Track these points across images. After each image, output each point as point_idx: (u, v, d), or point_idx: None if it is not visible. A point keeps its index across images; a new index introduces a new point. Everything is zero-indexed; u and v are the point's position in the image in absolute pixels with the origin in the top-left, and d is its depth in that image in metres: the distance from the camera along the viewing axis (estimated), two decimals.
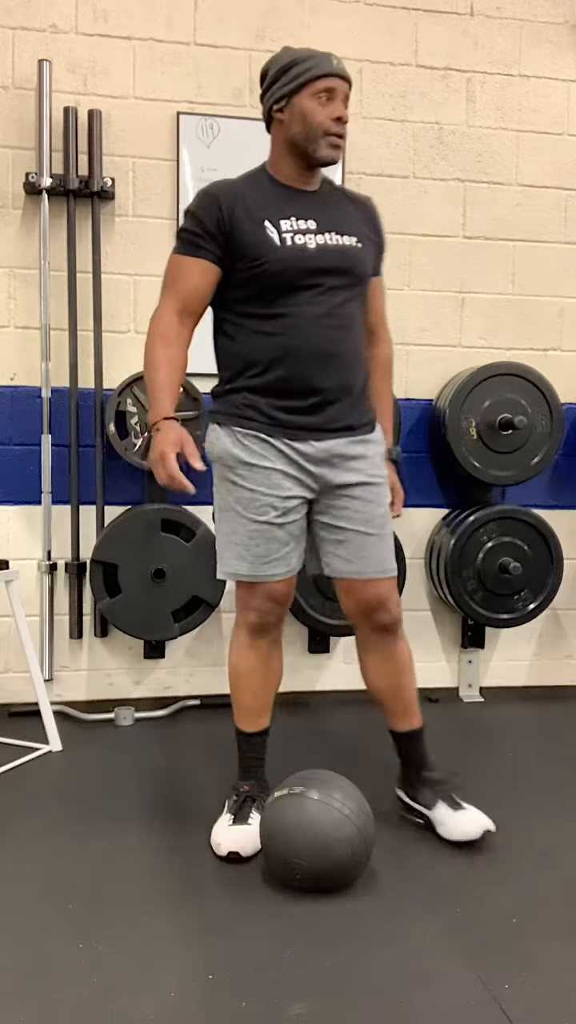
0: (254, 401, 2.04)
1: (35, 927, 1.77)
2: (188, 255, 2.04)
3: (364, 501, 2.06)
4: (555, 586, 3.13)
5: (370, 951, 1.70)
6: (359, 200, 2.16)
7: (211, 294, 2.06)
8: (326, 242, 2.02)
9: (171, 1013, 1.52)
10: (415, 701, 2.20)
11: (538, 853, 2.09)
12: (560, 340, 3.30)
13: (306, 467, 2.04)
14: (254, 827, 2.05)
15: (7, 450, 2.99)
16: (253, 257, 1.99)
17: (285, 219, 2.01)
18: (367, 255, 2.09)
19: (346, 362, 2.05)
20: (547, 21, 3.20)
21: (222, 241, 2.01)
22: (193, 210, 2.04)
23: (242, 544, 2.06)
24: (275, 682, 2.20)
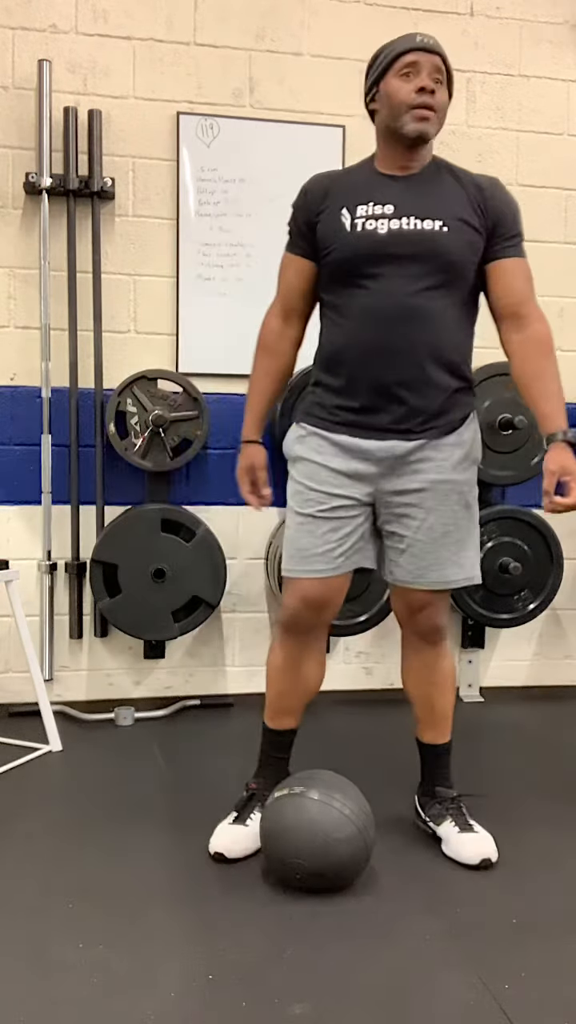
0: (323, 397, 2.01)
1: (35, 927, 1.77)
2: (286, 251, 2.06)
3: (422, 509, 1.97)
4: (555, 586, 3.13)
5: (370, 951, 1.70)
6: (471, 181, 2.00)
7: (311, 290, 2.05)
8: (400, 227, 1.91)
9: (171, 1013, 1.52)
10: (446, 717, 2.13)
11: (538, 853, 2.09)
12: (560, 340, 3.27)
13: (364, 467, 1.97)
14: (250, 828, 2.04)
15: (7, 450, 2.99)
16: (326, 244, 1.96)
17: (363, 204, 1.94)
18: (455, 240, 1.92)
19: (418, 357, 1.93)
20: (547, 21, 3.20)
21: (310, 235, 1.99)
22: (293, 204, 2.05)
23: (290, 538, 2.04)
24: (305, 688, 2.12)
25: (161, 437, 2.91)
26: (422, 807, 2.14)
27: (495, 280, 2.00)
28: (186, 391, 2.93)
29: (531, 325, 2.00)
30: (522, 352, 1.99)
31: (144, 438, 2.91)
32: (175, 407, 2.92)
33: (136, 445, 2.92)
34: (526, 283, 2.01)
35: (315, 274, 2.03)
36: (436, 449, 1.97)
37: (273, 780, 2.11)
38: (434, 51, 1.93)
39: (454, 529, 1.99)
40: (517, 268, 2.01)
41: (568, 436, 1.92)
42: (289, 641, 2.09)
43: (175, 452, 2.95)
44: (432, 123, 1.93)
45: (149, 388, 2.93)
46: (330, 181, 2.01)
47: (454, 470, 1.98)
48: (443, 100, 1.96)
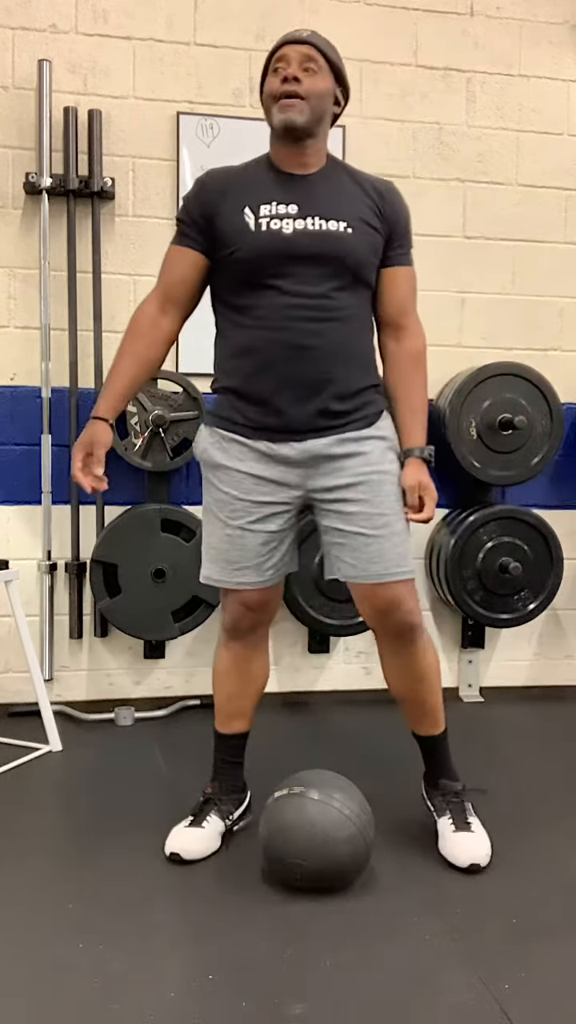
0: (234, 401, 1.97)
1: (35, 927, 1.77)
2: (175, 243, 2.01)
3: (357, 502, 1.94)
4: (555, 586, 3.13)
5: (370, 951, 1.70)
6: (371, 184, 2.00)
7: (197, 284, 2.00)
8: (305, 227, 1.89)
9: (171, 1013, 1.52)
10: (437, 708, 2.10)
11: (538, 853, 2.09)
12: (560, 340, 3.30)
13: (289, 471, 1.96)
14: (207, 831, 2.04)
15: (7, 450, 2.99)
16: (229, 244, 1.92)
17: (266, 204, 1.91)
18: (359, 242, 1.93)
19: (326, 356, 1.92)
20: (547, 21, 3.20)
21: (206, 228, 1.95)
22: (185, 198, 2.01)
23: (216, 548, 2.01)
24: (254, 688, 2.13)
25: (161, 437, 2.91)
26: (427, 795, 2.14)
27: (385, 286, 2.02)
28: (186, 391, 2.93)
29: (409, 338, 2.04)
30: (397, 363, 2.04)
31: (144, 438, 2.91)
32: (175, 407, 2.92)
33: (136, 445, 2.92)
34: (410, 293, 2.05)
35: (205, 269, 1.99)
36: (359, 443, 1.96)
37: (228, 785, 2.13)
38: (304, 41, 1.90)
39: (393, 519, 1.97)
40: (405, 277, 2.04)
41: (425, 454, 2.01)
42: (234, 643, 2.10)
43: (175, 452, 2.95)
44: (298, 111, 1.88)
45: (149, 388, 2.93)
46: (228, 177, 1.98)
47: (381, 460, 1.97)
48: (315, 87, 1.90)
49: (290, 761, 2.27)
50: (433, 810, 2.11)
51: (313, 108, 1.90)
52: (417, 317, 2.07)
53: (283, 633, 3.21)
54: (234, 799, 2.14)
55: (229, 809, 2.11)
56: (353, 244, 1.92)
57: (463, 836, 2.02)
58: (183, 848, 2.00)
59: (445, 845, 2.03)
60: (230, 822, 2.10)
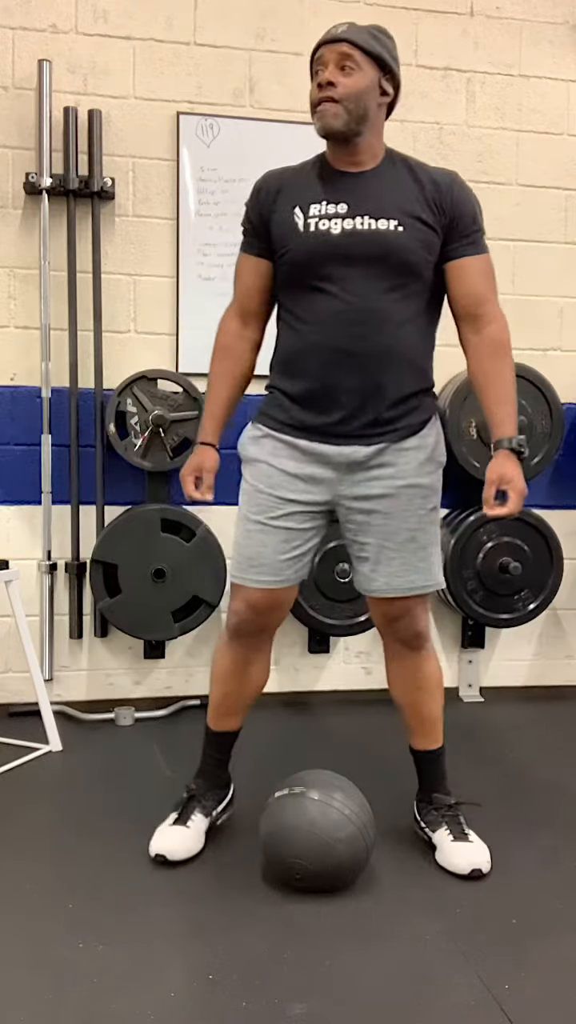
0: (281, 400, 1.97)
1: (35, 927, 1.77)
2: (242, 252, 2.02)
3: (384, 514, 1.93)
4: (555, 586, 3.13)
5: (370, 951, 1.70)
6: (428, 178, 1.93)
7: (268, 290, 2.00)
8: (355, 227, 1.86)
9: (171, 1013, 1.52)
10: (436, 722, 2.09)
11: (538, 853, 2.09)
12: (560, 340, 3.30)
13: (323, 471, 1.94)
14: (192, 830, 2.03)
15: (7, 450, 2.99)
16: (280, 245, 1.91)
17: (316, 203, 1.89)
18: (411, 240, 1.87)
19: (375, 361, 1.89)
20: (547, 21, 3.20)
21: (264, 233, 1.95)
22: (245, 204, 2.01)
23: (238, 542, 2.01)
24: (250, 691, 2.11)
25: (161, 437, 2.91)
26: (419, 813, 2.13)
27: (454, 279, 1.96)
28: (186, 391, 2.93)
29: (489, 326, 1.97)
30: (478, 354, 1.97)
31: (144, 438, 2.91)
32: (175, 407, 2.92)
33: (136, 445, 2.92)
34: (486, 282, 1.98)
35: (272, 274, 1.98)
36: (397, 453, 1.93)
37: (213, 782, 2.13)
38: (338, 39, 1.85)
39: (419, 534, 1.95)
40: (477, 266, 1.97)
41: (514, 444, 1.90)
42: (236, 644, 2.07)
43: (175, 452, 2.95)
44: (333, 115, 1.84)
45: (149, 388, 2.93)
46: (283, 178, 1.96)
47: (417, 474, 1.95)
48: (351, 86, 1.85)
49: (290, 761, 2.27)
50: (426, 826, 2.09)
51: (351, 110, 1.85)
52: (497, 305, 1.98)
53: (283, 633, 3.20)
54: (216, 795, 2.13)
55: (212, 805, 2.11)
56: (404, 242, 1.87)
57: (461, 845, 2.00)
58: (168, 850, 1.99)
59: (444, 855, 2.01)
60: (213, 817, 2.10)
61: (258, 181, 2.00)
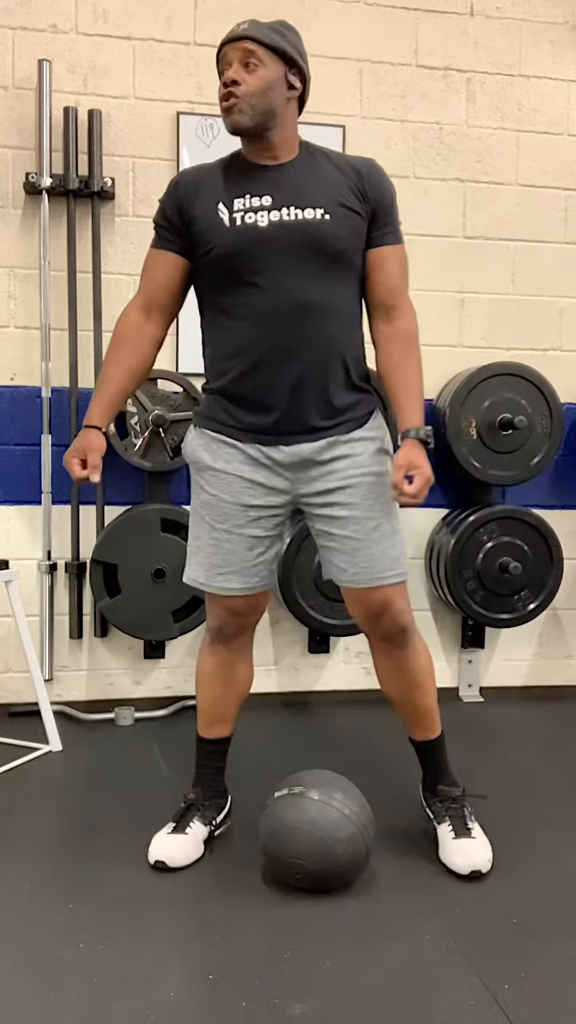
0: (223, 402, 1.94)
1: (35, 927, 1.77)
2: (153, 247, 1.98)
3: (347, 506, 1.91)
4: (555, 586, 3.13)
5: (370, 951, 1.70)
6: (348, 165, 1.93)
7: (179, 286, 1.97)
8: (281, 218, 1.84)
9: (171, 1013, 1.52)
10: (431, 712, 2.08)
11: (538, 853, 2.09)
12: (560, 340, 3.30)
13: (279, 473, 1.93)
14: (191, 837, 2.03)
15: (7, 450, 2.99)
16: (205, 242, 1.88)
17: (239, 197, 1.86)
18: (340, 227, 1.86)
19: (313, 355, 1.87)
20: (547, 21, 3.20)
21: (183, 229, 1.91)
22: (160, 200, 1.97)
23: (202, 550, 1.99)
24: (237, 693, 2.11)
25: (161, 437, 2.91)
26: (427, 802, 2.13)
27: (373, 268, 1.95)
28: (186, 391, 2.93)
29: (400, 318, 1.96)
30: (388, 345, 1.96)
31: (144, 438, 2.91)
32: (175, 407, 2.92)
33: (136, 445, 2.92)
34: (401, 273, 1.97)
35: (185, 271, 1.95)
36: (349, 445, 1.92)
37: (211, 791, 2.11)
38: (239, 37, 1.85)
39: (384, 522, 1.94)
40: (393, 256, 1.96)
41: (421, 434, 1.90)
42: (219, 647, 2.07)
43: (175, 452, 2.95)
44: (239, 112, 1.84)
45: (149, 388, 2.93)
46: (201, 175, 1.94)
47: (372, 463, 1.93)
48: (254, 83, 1.84)
49: (290, 761, 2.27)
50: (432, 817, 2.09)
51: (255, 105, 1.84)
52: (408, 297, 1.99)
53: (283, 633, 3.21)
54: (216, 804, 2.12)
55: (212, 815, 2.10)
56: (332, 230, 1.86)
57: (463, 843, 2.00)
58: (168, 856, 1.98)
59: (445, 852, 2.01)
60: (213, 827, 2.09)
61: (175, 177, 1.97)
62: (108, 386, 1.97)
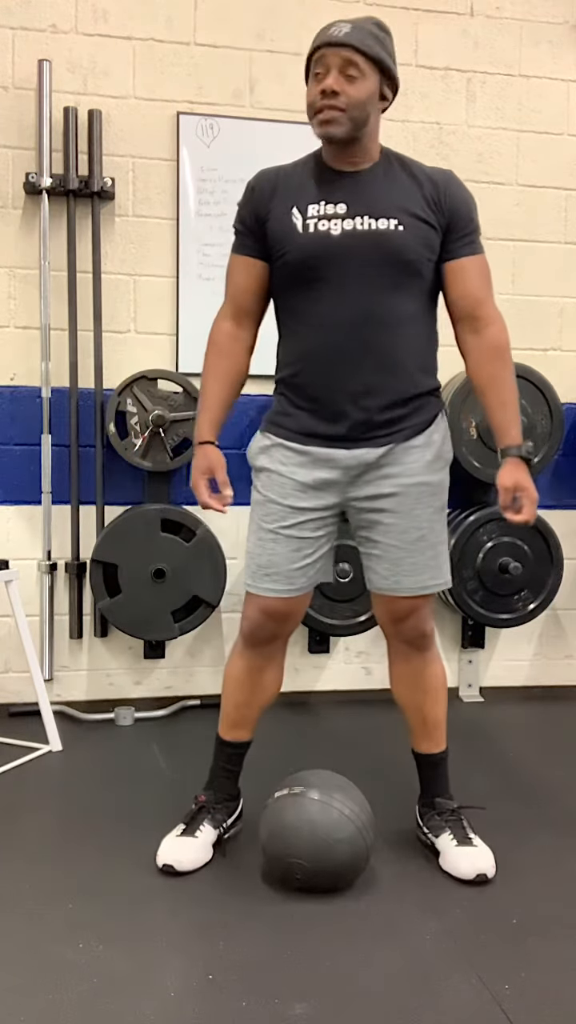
0: (287, 406, 1.95)
1: (35, 927, 1.77)
2: (234, 252, 1.99)
3: (394, 513, 1.92)
4: (555, 586, 3.13)
5: (370, 951, 1.70)
6: (425, 176, 1.91)
7: (263, 290, 1.97)
8: (355, 227, 1.84)
9: (171, 1013, 1.52)
10: (439, 726, 2.08)
11: (538, 853, 2.09)
12: (560, 340, 3.31)
13: (330, 475, 1.92)
14: (200, 841, 2.01)
15: (7, 450, 2.99)
16: (278, 247, 1.89)
17: (314, 203, 1.86)
18: (412, 239, 1.85)
19: (380, 364, 1.88)
20: (547, 21, 3.20)
21: (260, 232, 1.91)
22: (238, 204, 1.98)
23: (251, 551, 1.99)
24: (263, 699, 2.09)
25: (161, 437, 2.91)
26: (421, 818, 2.11)
27: (452, 280, 1.94)
28: (186, 391, 2.93)
29: (488, 328, 1.95)
30: (478, 357, 1.96)
31: (144, 438, 2.91)
32: (175, 407, 2.92)
33: (136, 445, 2.92)
34: (484, 283, 1.96)
35: (266, 274, 1.96)
36: (405, 452, 1.92)
37: (223, 793, 2.10)
38: (342, 43, 1.80)
39: (428, 532, 1.94)
40: (474, 267, 1.95)
41: (523, 452, 1.91)
42: (250, 652, 2.05)
43: (175, 452, 2.95)
44: (336, 124, 1.81)
45: (149, 388, 2.93)
46: (278, 178, 1.93)
47: (426, 472, 1.94)
48: (355, 95, 1.81)
49: (290, 761, 2.27)
50: (429, 831, 2.07)
51: (353, 118, 1.82)
52: (495, 307, 1.97)
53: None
54: (228, 807, 2.11)
55: (222, 818, 2.08)
56: (404, 241, 1.85)
57: (465, 850, 1.99)
58: (176, 860, 1.97)
59: (447, 860, 2.00)
60: (223, 830, 2.08)
61: (251, 180, 1.97)
62: (213, 400, 2.01)
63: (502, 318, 1.98)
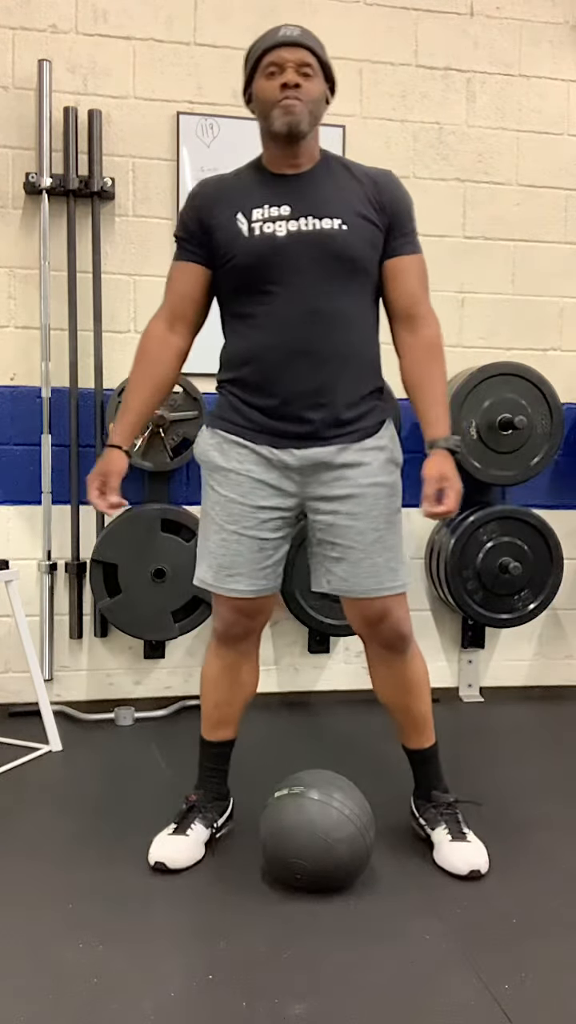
0: (236, 403, 1.95)
1: (35, 927, 1.77)
2: (176, 259, 2.00)
3: (352, 515, 1.91)
4: (555, 586, 3.13)
5: (370, 951, 1.70)
6: (366, 176, 1.94)
7: (204, 297, 1.98)
8: (299, 228, 1.86)
9: (171, 1013, 1.52)
10: (426, 721, 2.08)
11: (538, 853, 2.09)
12: (560, 340, 3.31)
13: (288, 476, 1.93)
14: (192, 839, 2.02)
15: (7, 450, 2.99)
16: (224, 252, 1.90)
17: (258, 207, 1.88)
18: (357, 238, 1.88)
19: (329, 361, 1.89)
20: (547, 21, 3.20)
21: (204, 239, 1.92)
22: (180, 212, 2.00)
23: (211, 552, 1.98)
24: (242, 696, 2.10)
25: (161, 437, 2.91)
26: (417, 810, 2.12)
27: (391, 278, 1.96)
28: (186, 391, 2.93)
29: (423, 327, 1.97)
30: (412, 355, 1.97)
31: (144, 438, 2.91)
32: (175, 407, 2.92)
33: (136, 445, 2.92)
34: (421, 282, 1.98)
35: (208, 281, 1.97)
36: (360, 453, 1.92)
37: (213, 793, 2.11)
38: (297, 44, 1.85)
39: (386, 534, 1.94)
40: (413, 266, 1.97)
41: (450, 444, 1.91)
42: (225, 650, 2.06)
43: (175, 452, 2.95)
44: (299, 115, 1.83)
45: None
46: (220, 185, 1.95)
47: (380, 473, 1.94)
48: (312, 92, 1.85)
49: (290, 761, 2.27)
50: (425, 823, 2.08)
51: (312, 112, 1.87)
52: (430, 305, 1.99)
53: (283, 633, 3.21)
54: (218, 806, 2.11)
55: (213, 817, 2.09)
56: (349, 240, 1.88)
57: (460, 845, 2.00)
58: (168, 857, 1.98)
59: (442, 855, 2.00)
60: (214, 829, 2.09)
61: (194, 188, 1.98)
62: (133, 404, 2.00)
63: (436, 319, 2.00)
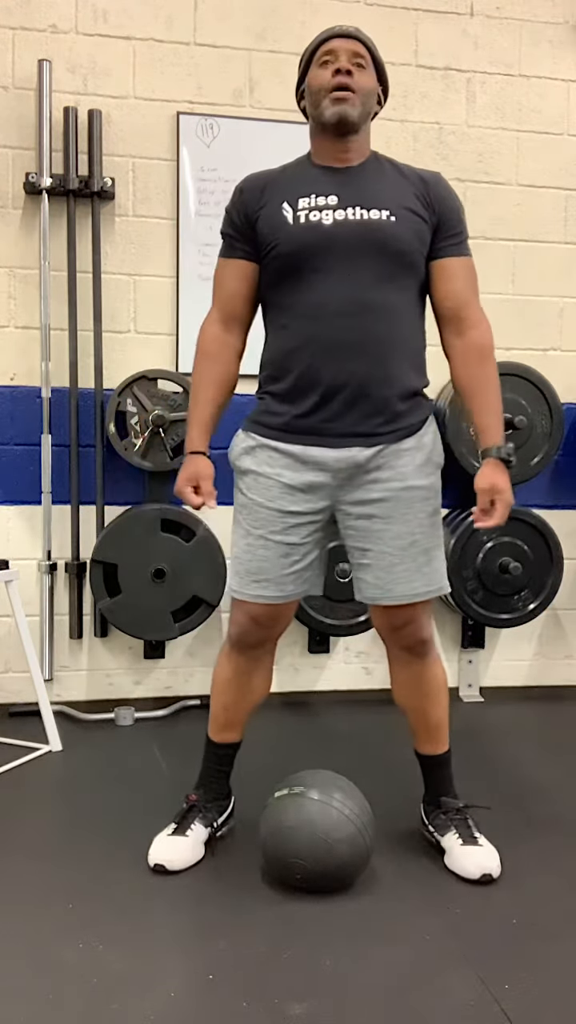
0: (272, 405, 1.92)
1: (35, 927, 1.77)
2: (223, 256, 1.98)
3: (384, 519, 1.87)
4: (555, 586, 3.13)
5: (370, 951, 1.70)
6: (416, 175, 1.93)
7: (253, 294, 1.96)
8: (346, 217, 1.83)
9: (171, 1013, 1.52)
10: (442, 727, 2.07)
11: (538, 853, 2.09)
12: (560, 340, 3.31)
13: (321, 478, 1.88)
14: (191, 839, 2.01)
15: (7, 450, 2.99)
16: (269, 241, 1.87)
17: (304, 197, 1.85)
18: (405, 230, 1.84)
19: (371, 354, 1.83)
20: (547, 21, 3.20)
21: (250, 233, 1.91)
22: (226, 209, 1.97)
23: (238, 557, 1.95)
24: (251, 701, 2.08)
25: (161, 437, 2.91)
26: (427, 816, 2.11)
27: (439, 280, 1.93)
28: (186, 391, 2.93)
29: (472, 330, 1.94)
30: (463, 359, 1.94)
31: (144, 438, 2.91)
32: (175, 407, 2.92)
33: (136, 445, 2.92)
34: (470, 284, 1.95)
35: (256, 277, 1.94)
36: (396, 455, 1.88)
37: (214, 793, 2.10)
38: (351, 36, 1.87)
39: (421, 538, 1.90)
40: (461, 268, 1.94)
41: (502, 453, 1.89)
42: (238, 656, 2.03)
43: (175, 452, 2.95)
44: (351, 104, 1.84)
45: (149, 388, 2.93)
46: (267, 178, 1.94)
47: (416, 475, 1.90)
48: (365, 83, 1.86)
49: (290, 761, 2.27)
50: (435, 830, 2.07)
51: (363, 103, 1.86)
52: (480, 308, 1.95)
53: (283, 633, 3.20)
54: (218, 806, 2.11)
55: (213, 816, 2.08)
56: (396, 231, 1.84)
57: (471, 849, 1.98)
58: (167, 860, 1.97)
59: (453, 859, 1.99)
60: (214, 828, 2.08)
61: (240, 183, 1.97)
62: (204, 407, 1.98)
63: (487, 321, 1.97)
